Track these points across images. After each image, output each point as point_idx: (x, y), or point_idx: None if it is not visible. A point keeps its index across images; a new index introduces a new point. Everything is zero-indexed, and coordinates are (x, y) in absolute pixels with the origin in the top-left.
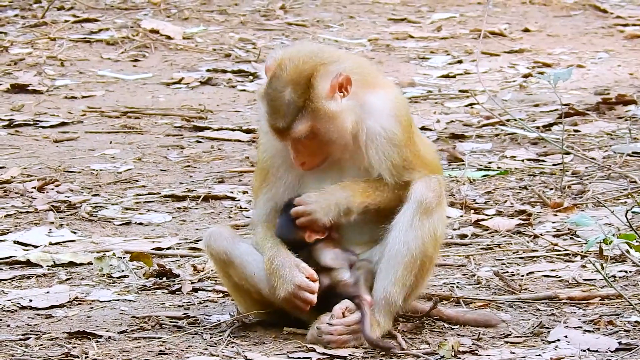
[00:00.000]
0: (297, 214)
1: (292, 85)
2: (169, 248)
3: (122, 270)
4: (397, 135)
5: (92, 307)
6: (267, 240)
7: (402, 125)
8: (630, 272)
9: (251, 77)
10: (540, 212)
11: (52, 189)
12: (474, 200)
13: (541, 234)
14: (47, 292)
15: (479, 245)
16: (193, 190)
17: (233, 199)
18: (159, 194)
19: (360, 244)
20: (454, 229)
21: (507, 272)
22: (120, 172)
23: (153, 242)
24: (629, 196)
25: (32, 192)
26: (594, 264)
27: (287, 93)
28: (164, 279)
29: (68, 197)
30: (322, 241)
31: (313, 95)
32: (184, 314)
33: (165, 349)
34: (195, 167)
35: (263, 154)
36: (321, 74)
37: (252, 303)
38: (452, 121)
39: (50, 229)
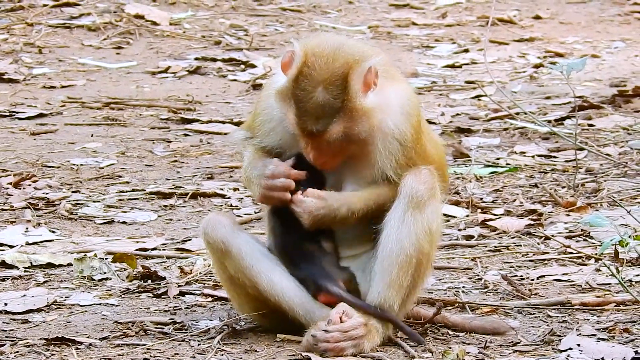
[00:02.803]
0: (297, 205)
1: (326, 85)
2: (154, 249)
3: (104, 273)
4: (407, 136)
5: (72, 312)
6: (249, 155)
7: (412, 125)
8: None
9: (243, 66)
10: (551, 212)
11: (29, 185)
12: (481, 198)
13: (552, 235)
14: (24, 296)
15: (486, 247)
16: (180, 187)
17: (223, 196)
18: (144, 190)
19: (358, 242)
20: (460, 230)
21: (516, 275)
22: (102, 167)
23: (137, 242)
24: None
25: (7, 188)
26: (608, 268)
27: (321, 94)
28: (149, 281)
29: (46, 193)
30: None
31: (350, 94)
32: (170, 319)
33: (150, 356)
34: (182, 162)
35: (259, 128)
36: (356, 72)
37: (247, 300)
38: (457, 114)
39: (27, 228)
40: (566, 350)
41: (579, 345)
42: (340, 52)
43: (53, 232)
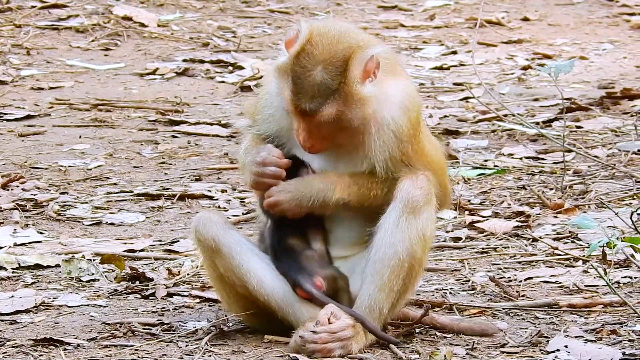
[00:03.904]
0: (269, 195)
1: (326, 65)
2: (142, 250)
3: (92, 274)
4: (403, 129)
5: (60, 313)
6: (247, 142)
7: (410, 120)
8: (635, 278)
9: (231, 68)
10: (539, 214)
11: (17, 187)
12: (469, 200)
13: (540, 237)
14: (12, 297)
15: (473, 248)
16: (168, 189)
17: (211, 198)
18: (132, 192)
19: (350, 243)
20: (447, 232)
21: (504, 277)
22: (90, 169)
23: (125, 243)
24: (634, 197)
25: None
26: (596, 269)
27: (319, 73)
28: (137, 283)
29: (34, 195)
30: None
31: (348, 78)
32: (158, 320)
33: (138, 357)
34: (170, 164)
35: (259, 113)
36: (358, 57)
37: (236, 299)
38: (445, 116)
39: (15, 229)
40: (554, 352)
41: (566, 346)
42: (345, 36)
43: (41, 233)
